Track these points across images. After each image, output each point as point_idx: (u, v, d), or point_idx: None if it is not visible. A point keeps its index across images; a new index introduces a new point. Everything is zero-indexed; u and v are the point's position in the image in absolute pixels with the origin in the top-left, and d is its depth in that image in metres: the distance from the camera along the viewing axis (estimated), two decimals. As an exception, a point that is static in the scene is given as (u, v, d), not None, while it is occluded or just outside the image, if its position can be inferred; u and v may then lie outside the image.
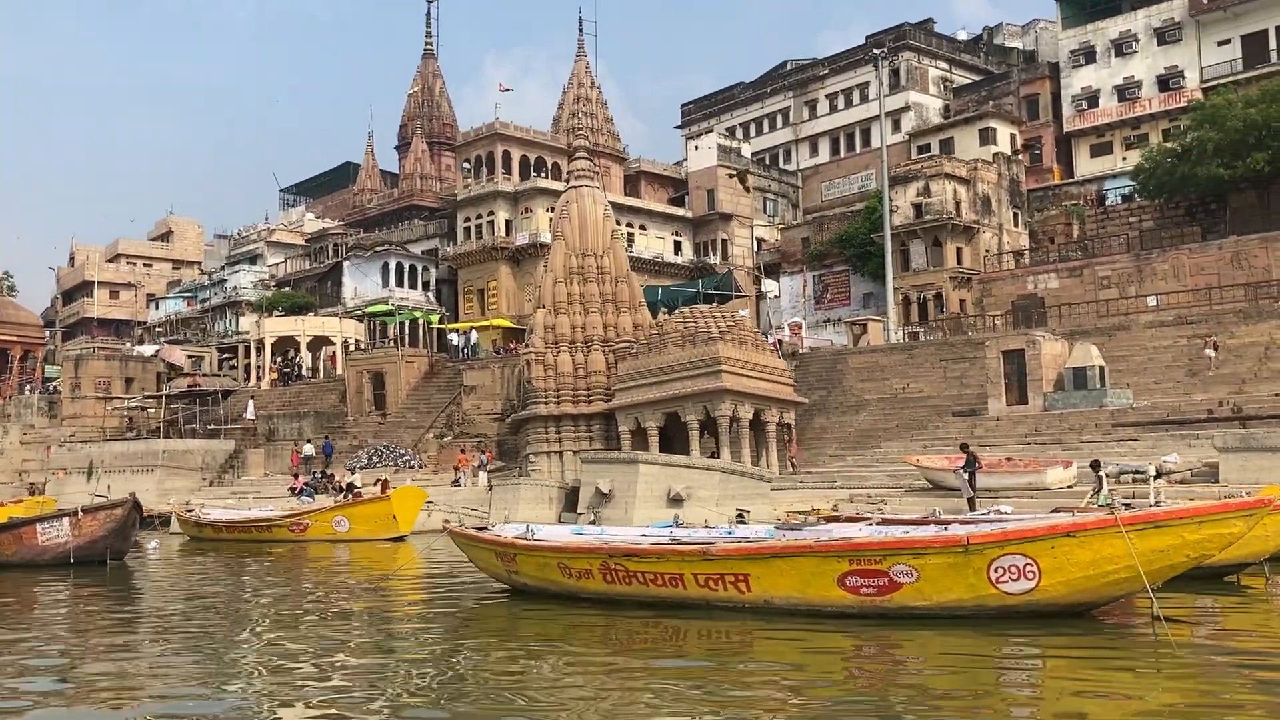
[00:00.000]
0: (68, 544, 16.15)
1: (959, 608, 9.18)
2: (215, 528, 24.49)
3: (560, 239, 35.57)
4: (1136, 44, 53.24)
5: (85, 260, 78.93)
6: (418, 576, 16.30)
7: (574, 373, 34.00)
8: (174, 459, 39.06)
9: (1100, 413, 27.58)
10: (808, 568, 9.37)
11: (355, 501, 23.63)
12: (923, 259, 47.82)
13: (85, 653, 8.95)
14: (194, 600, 13.46)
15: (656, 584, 9.97)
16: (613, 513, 18.77)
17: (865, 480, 25.80)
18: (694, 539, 10.77)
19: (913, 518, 12.81)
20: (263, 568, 17.83)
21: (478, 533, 12.16)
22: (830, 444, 34.24)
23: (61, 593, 14.24)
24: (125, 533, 16.95)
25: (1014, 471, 21.01)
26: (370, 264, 56.81)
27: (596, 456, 22.89)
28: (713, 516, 17.59)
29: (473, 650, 9.20)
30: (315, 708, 7.12)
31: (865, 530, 10.16)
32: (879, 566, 9.09)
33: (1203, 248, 40.30)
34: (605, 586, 10.42)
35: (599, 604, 10.56)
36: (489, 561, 11.76)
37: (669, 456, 23.50)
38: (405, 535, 22.44)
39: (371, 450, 36.68)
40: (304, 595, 13.82)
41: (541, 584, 11.15)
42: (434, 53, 72.33)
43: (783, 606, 9.61)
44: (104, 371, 48.28)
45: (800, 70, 66.26)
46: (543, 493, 23.26)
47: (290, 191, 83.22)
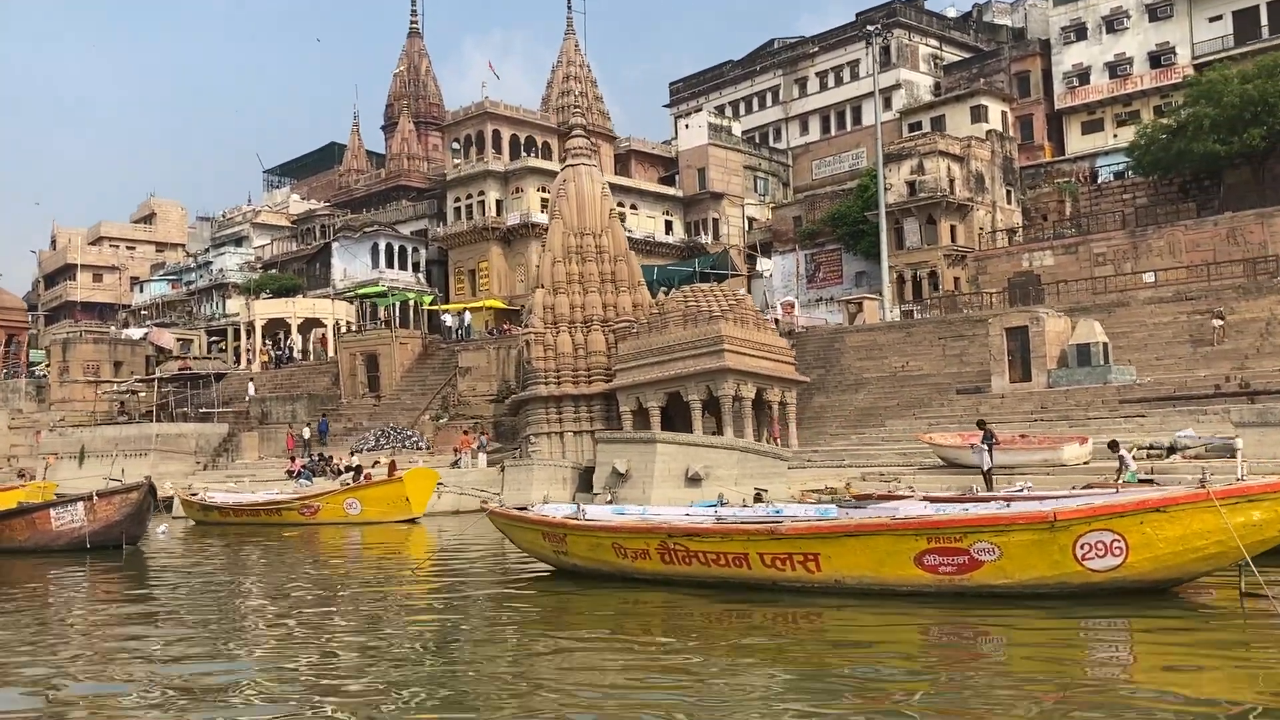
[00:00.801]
0: (83, 529, 15.86)
1: (1041, 586, 9.03)
2: (222, 511, 24.18)
3: (558, 218, 35.26)
4: (1128, 20, 53.11)
5: (67, 243, 78.01)
6: (451, 558, 16.02)
7: (574, 353, 33.77)
8: (167, 443, 38.69)
9: (1105, 389, 27.55)
10: (883, 546, 9.22)
11: (368, 483, 23.36)
12: (917, 237, 47.73)
13: (145, 658, 8.68)
14: (223, 586, 13.18)
15: (719, 564, 9.80)
16: (630, 492, 18.60)
17: (874, 458, 25.72)
18: (744, 518, 10.61)
19: (951, 495, 12.68)
20: (281, 551, 17.57)
21: (523, 513, 11.95)
22: (831, 423, 34.17)
23: (83, 580, 13.95)
24: (140, 517, 16.67)
25: (1029, 448, 20.95)
26: (359, 245, 56.32)
27: (612, 436, 22.69)
28: (731, 495, 17.44)
29: (536, 632, 8.99)
30: (382, 693, 6.93)
31: (944, 508, 9.99)
32: (959, 544, 8.93)
33: (1198, 224, 40.32)
34: (663, 567, 10.24)
35: (653, 584, 10.38)
36: (534, 542, 11.56)
37: (687, 436, 23.32)
38: (418, 517, 22.22)
39: (378, 432, 36.40)
40: (340, 579, 13.52)
41: (593, 565, 10.97)
42: (420, 32, 71.66)
43: (854, 586, 9.45)
44: (93, 355, 47.73)
45: (790, 48, 65.91)
46: (556, 473, 23.05)
47: (274, 173, 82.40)
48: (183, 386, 45.75)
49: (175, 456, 38.79)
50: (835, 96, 62.39)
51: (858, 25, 61.71)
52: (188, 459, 39.27)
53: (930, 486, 20.16)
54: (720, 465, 20.12)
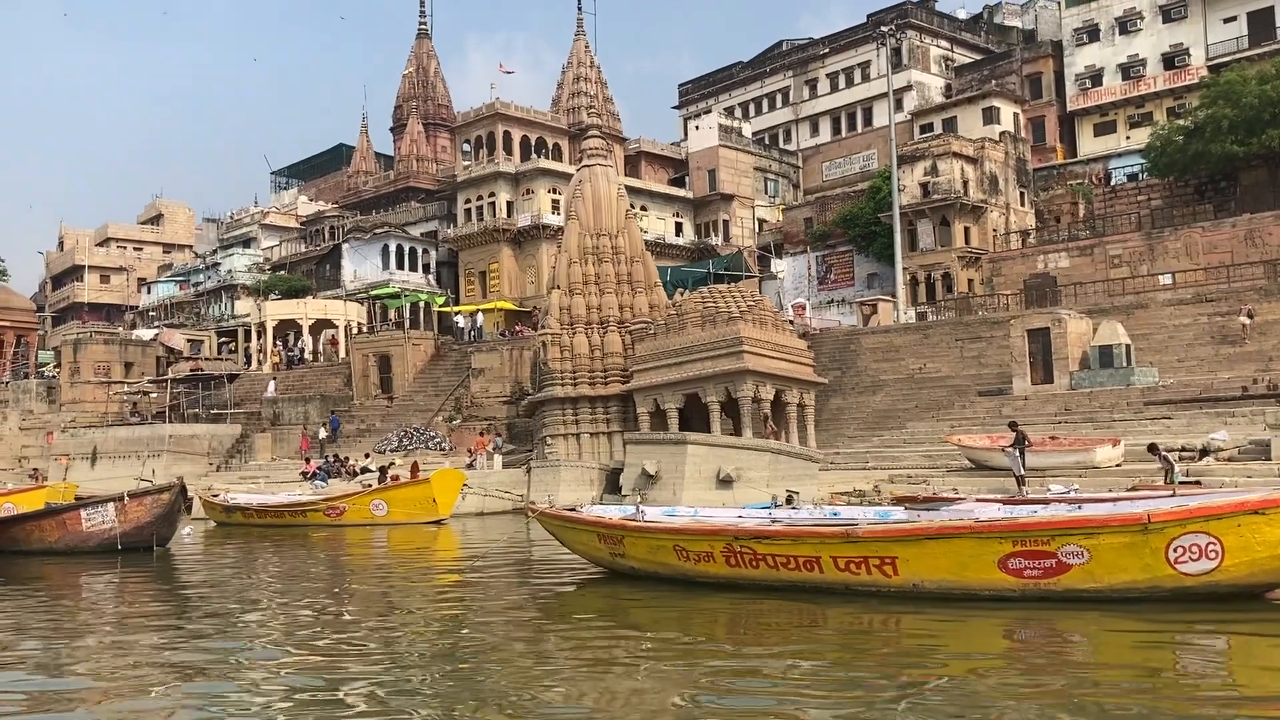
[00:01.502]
0: (113, 530, 15.67)
1: (1131, 590, 8.82)
2: (245, 512, 23.98)
3: (574, 219, 35.08)
4: (1141, 22, 52.99)
5: (75, 244, 77.88)
6: (490, 560, 15.76)
7: (590, 354, 33.58)
8: (180, 444, 38.55)
9: (1129, 391, 27.37)
10: (966, 550, 9.01)
11: (394, 485, 23.16)
12: (930, 238, 47.52)
13: (193, 668, 8.50)
14: (264, 589, 12.95)
15: (789, 567, 9.59)
16: (660, 494, 18.40)
17: (899, 460, 25.53)
18: (806, 521, 10.41)
19: (999, 497, 12.49)
20: (313, 553, 17.37)
21: (577, 514, 11.74)
22: (848, 424, 34.01)
23: (117, 581, 13.73)
24: (171, 518, 16.47)
25: (1061, 450, 20.75)
26: (370, 246, 56.17)
27: (642, 437, 22.49)
28: (763, 497, 17.26)
29: (608, 637, 8.80)
30: (451, 697, 6.76)
31: (1020, 510, 9.79)
32: (1046, 548, 8.72)
33: (1215, 225, 40.10)
34: (728, 570, 10.02)
35: (715, 588, 10.17)
36: (588, 544, 11.34)
37: (718, 437, 23.13)
38: (444, 519, 22.02)
39: (400, 433, 36.23)
40: (384, 583, 13.24)
41: (651, 567, 10.75)
42: (428, 33, 71.47)
43: (933, 591, 9.25)
44: (103, 356, 47.58)
45: (800, 50, 65.78)
46: (584, 474, 22.85)
47: (282, 174, 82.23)
48: (194, 387, 45.60)
49: (188, 458, 38.63)
50: (846, 98, 62.24)
51: (868, 27, 61.58)
52: (200, 460, 39.11)
53: (960, 488, 19.97)
54: (752, 467, 19.92)
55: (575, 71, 60.79)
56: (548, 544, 15.79)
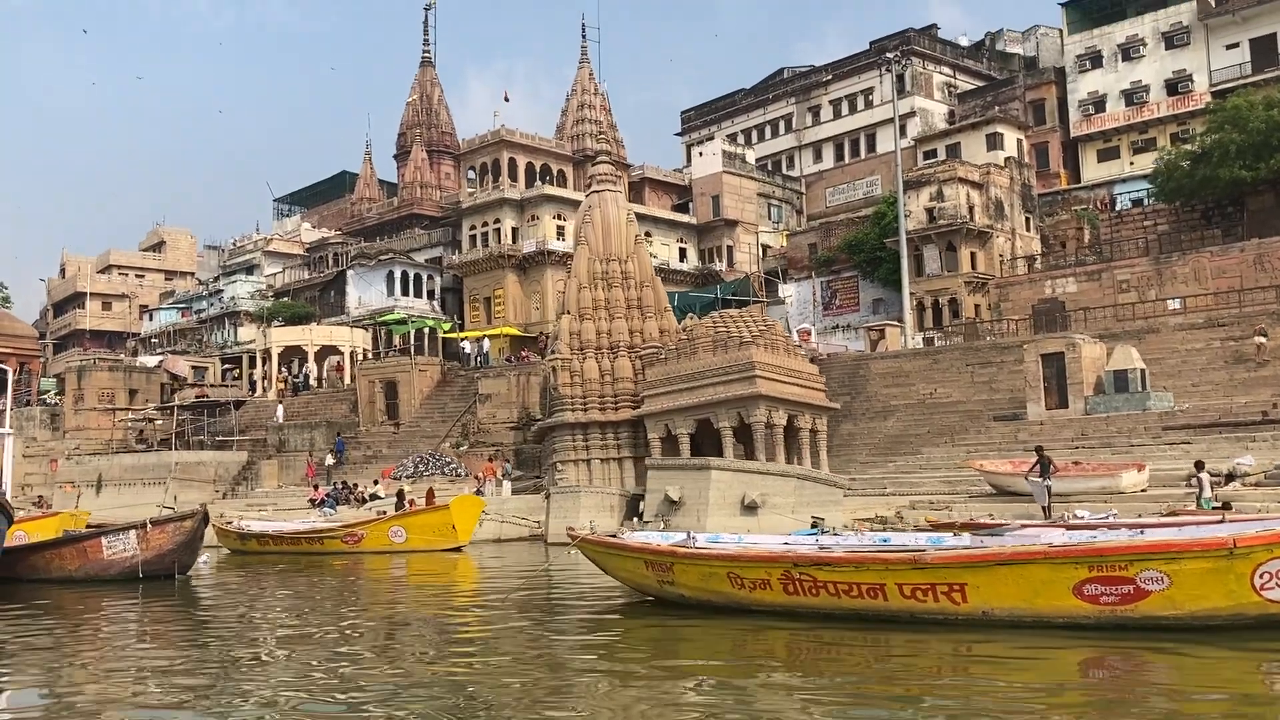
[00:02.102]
0: (135, 558, 15.42)
1: (1213, 617, 8.60)
2: (261, 540, 23.71)
3: (584, 244, 34.97)
4: (1144, 48, 53.23)
5: (76, 271, 77.79)
6: (530, 588, 15.41)
7: (600, 379, 33.37)
8: (187, 471, 38.31)
9: (1146, 416, 27.23)
10: (1039, 576, 8.79)
11: (413, 511, 22.94)
12: (937, 264, 47.50)
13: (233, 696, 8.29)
14: (291, 617, 12.67)
15: (851, 595, 9.38)
16: (684, 521, 18.19)
17: (918, 486, 25.35)
18: (858, 547, 10.21)
19: (1046, 522, 12.30)
20: (334, 581, 17.09)
21: (623, 540, 11.53)
22: (860, 450, 33.83)
23: (141, 610, 13.49)
24: (193, 546, 16.25)
25: (1085, 475, 20.59)
26: (374, 273, 56.13)
27: (664, 463, 22.29)
28: (789, 524, 17.07)
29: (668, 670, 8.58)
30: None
31: (1107, 534, 9.58)
32: (1124, 573, 8.51)
33: (1224, 250, 40.09)
34: (785, 598, 9.79)
35: (770, 616, 9.94)
36: (634, 571, 11.11)
37: (742, 462, 22.92)
38: (463, 546, 21.78)
39: (417, 459, 36.03)
40: (420, 613, 12.83)
41: (703, 595, 10.49)
42: (432, 61, 71.71)
43: (1004, 618, 9.01)
44: (108, 383, 47.38)
45: (802, 76, 66.07)
46: (604, 500, 22.64)
47: (284, 201, 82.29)
48: (199, 414, 45.40)
49: (194, 485, 38.36)
50: (849, 124, 62.43)
51: (871, 53, 61.86)
52: (206, 487, 38.83)
53: (983, 514, 19.78)
54: (777, 493, 19.72)
55: (580, 99, 60.98)
56: (575, 571, 15.57)
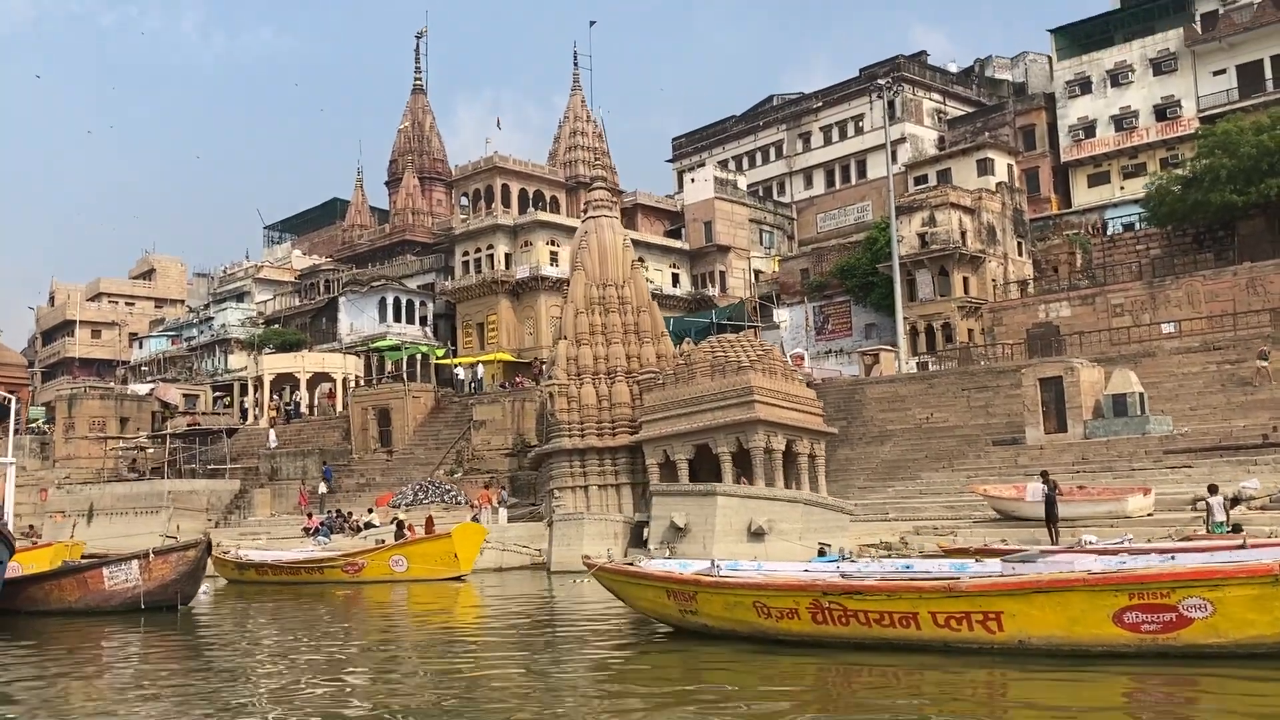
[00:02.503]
0: (137, 588, 15.17)
1: (1258, 645, 8.44)
2: (260, 569, 23.42)
3: (580, 269, 34.94)
4: (1132, 74, 53.64)
5: (66, 299, 77.47)
6: (541, 619, 15.09)
7: (598, 405, 33.23)
8: (180, 500, 38.00)
9: (1146, 439, 27.21)
10: (1077, 603, 8.65)
11: (414, 540, 22.72)
12: (930, 288, 47.53)
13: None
14: (301, 650, 12.36)
15: (882, 624, 9.25)
16: (690, 548, 18.04)
17: (919, 511, 25.25)
18: (882, 575, 10.07)
19: (1062, 547, 12.20)
20: (340, 611, 16.84)
21: (643, 569, 11.35)
22: (857, 475, 33.73)
23: (145, 642, 13.22)
24: (196, 576, 16.01)
25: (1091, 499, 20.53)
26: (367, 299, 56.01)
27: (669, 489, 22.13)
28: (797, 550, 16.94)
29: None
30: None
31: (1149, 560, 9.45)
32: (1166, 600, 8.39)
33: (1216, 274, 40.23)
34: (814, 628, 9.64)
35: (797, 646, 9.75)
36: (654, 600, 10.93)
37: (748, 488, 22.78)
38: (466, 575, 21.55)
39: (416, 486, 35.77)
40: (432, 646, 12.41)
41: (727, 625, 10.32)
42: (423, 88, 71.91)
43: (1040, 647, 8.86)
44: (99, 411, 47.03)
45: (793, 103, 66.38)
46: (607, 528, 22.45)
47: (275, 229, 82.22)
48: (191, 442, 45.08)
49: (187, 514, 38.03)
50: (839, 150, 62.70)
51: (861, 80, 62.24)
52: (199, 516, 38.51)
53: (989, 539, 19.70)
54: (784, 519, 19.59)
55: (572, 125, 61.18)
56: (583, 600, 15.39)
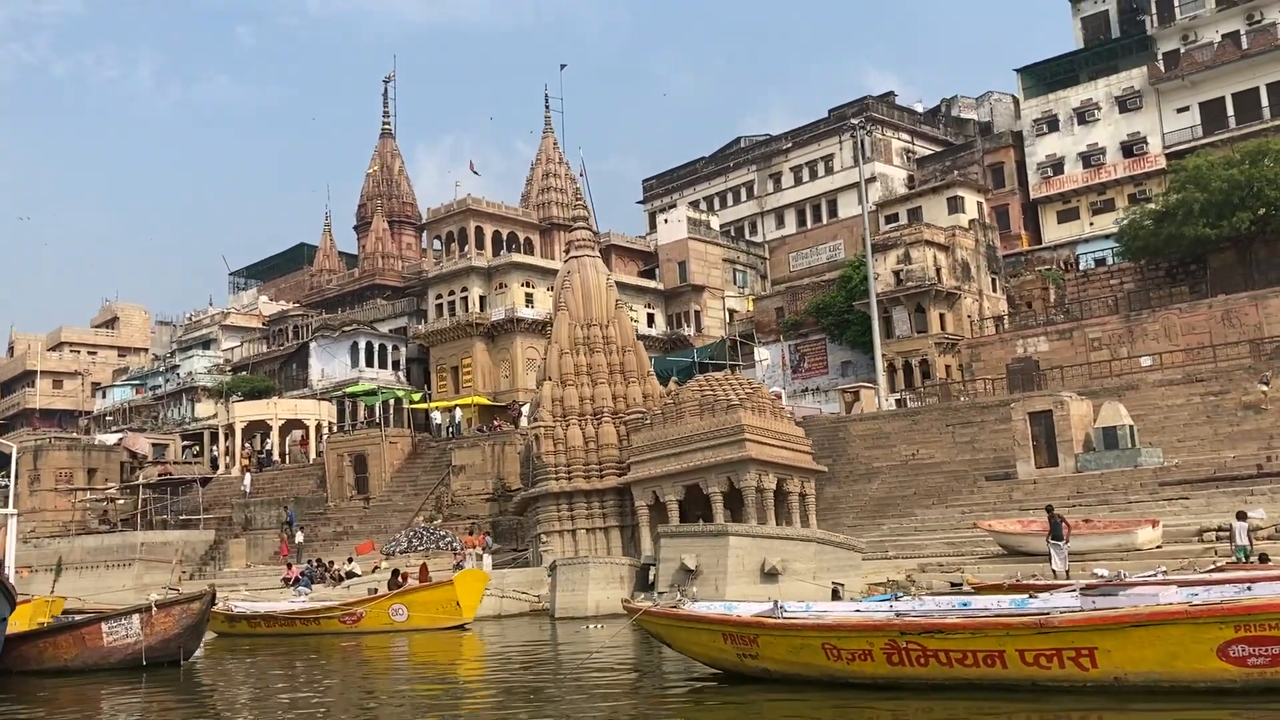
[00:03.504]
0: (138, 644, 14.47)
1: None
2: (252, 621, 22.62)
3: (564, 309, 34.66)
4: (1099, 112, 54.38)
5: (26, 349, 75.99)
6: (567, 669, 14.38)
7: (585, 446, 32.84)
8: (152, 551, 37.04)
9: (1140, 472, 27.17)
10: (1179, 637, 8.32)
11: (415, 588, 22.04)
12: (906, 325, 47.63)
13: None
14: (320, 708, 11.64)
15: (965, 664, 8.86)
16: (702, 590, 17.62)
17: (921, 548, 24.96)
18: (932, 612, 9.74)
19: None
20: (344, 664, 16.15)
21: (694, 612, 10.92)
22: (846, 514, 33.41)
23: (169, 704, 12.40)
24: (199, 629, 15.35)
25: (1099, 533, 20.35)
26: (338, 344, 55.32)
27: (678, 530, 21.72)
28: (810, 591, 16.59)
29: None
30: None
31: (1231, 591, 9.18)
32: (1275, 633, 8.10)
33: (1192, 307, 40.60)
34: (889, 669, 9.25)
35: (867, 690, 9.36)
36: (708, 644, 10.47)
37: (761, 528, 22.40)
38: (468, 623, 20.93)
39: (411, 533, 35.04)
40: (463, 703, 11.76)
41: (791, 669, 9.89)
42: (392, 132, 71.67)
43: (1138, 684, 8.53)
44: (65, 462, 45.87)
45: (762, 144, 66.74)
46: (613, 571, 21.94)
47: (240, 275, 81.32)
48: (161, 493, 44.04)
49: (160, 566, 37.04)
50: (810, 190, 62.96)
51: (830, 121, 62.71)
52: (173, 569, 37.49)
53: (995, 575, 19.45)
54: (797, 558, 19.22)
55: (545, 168, 61.12)
56: (605, 648, 14.85)
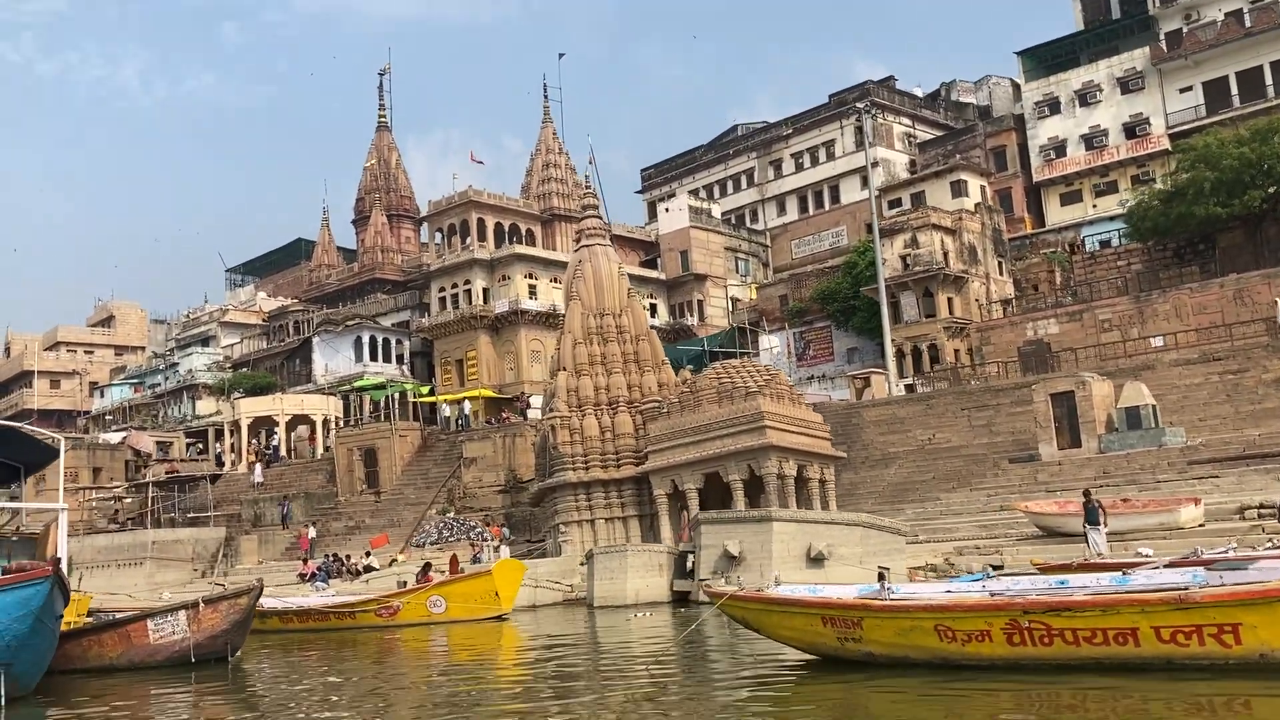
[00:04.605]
0: (186, 641, 14.17)
1: None
2: (284, 617, 22.26)
3: (576, 299, 34.41)
4: (1100, 94, 54.23)
5: (23, 349, 75.41)
6: (636, 656, 13.96)
7: (601, 436, 32.64)
8: (164, 550, 36.68)
9: (1165, 452, 27.02)
10: None
11: (453, 579, 21.77)
12: (915, 310, 47.41)
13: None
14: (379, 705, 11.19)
15: (1094, 642, 8.58)
16: (747, 577, 17.41)
17: (951, 532, 24.74)
18: (1025, 592, 9.50)
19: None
20: (395, 658, 15.80)
21: (789, 596, 10.65)
22: (865, 500, 33.22)
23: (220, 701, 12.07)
24: (246, 624, 15.05)
25: (1140, 512, 20.16)
26: (341, 339, 54.95)
27: (719, 516, 21.50)
28: (857, 574, 16.38)
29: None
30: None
31: None
32: None
33: (1203, 286, 40.46)
34: (1009, 650, 8.96)
35: (983, 671, 9.08)
36: (803, 628, 10.20)
37: (806, 512, 22.23)
38: (506, 613, 20.66)
39: (441, 524, 34.78)
40: (540, 696, 10.99)
41: (899, 652, 9.62)
42: (389, 125, 71.19)
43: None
44: (70, 462, 45.33)
45: (762, 131, 66.47)
46: (652, 559, 21.69)
47: (237, 271, 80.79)
48: (169, 491, 43.66)
49: (172, 564, 36.72)
50: (811, 177, 62.72)
51: (830, 106, 62.50)
52: (184, 566, 37.22)
53: (1037, 556, 19.25)
54: (843, 543, 19.00)
55: (545, 158, 60.76)
56: (651, 633, 14.61)
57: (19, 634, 11.33)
